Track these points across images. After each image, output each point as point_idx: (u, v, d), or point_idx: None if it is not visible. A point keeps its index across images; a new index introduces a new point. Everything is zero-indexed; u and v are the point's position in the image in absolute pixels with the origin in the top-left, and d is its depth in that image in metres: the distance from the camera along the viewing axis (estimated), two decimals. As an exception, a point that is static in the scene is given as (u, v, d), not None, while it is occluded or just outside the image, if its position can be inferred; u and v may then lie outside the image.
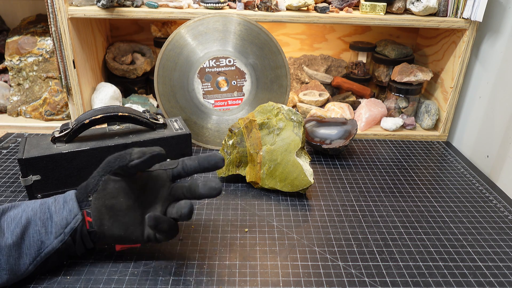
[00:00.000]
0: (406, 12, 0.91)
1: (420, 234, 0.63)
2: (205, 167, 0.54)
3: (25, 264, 0.49)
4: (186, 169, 0.54)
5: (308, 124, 0.90)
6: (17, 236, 0.48)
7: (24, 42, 0.95)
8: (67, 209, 0.51)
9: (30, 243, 0.49)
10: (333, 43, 1.13)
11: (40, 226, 0.50)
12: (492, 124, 0.85)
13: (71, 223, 0.50)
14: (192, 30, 0.85)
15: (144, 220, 0.53)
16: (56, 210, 0.51)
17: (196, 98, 0.86)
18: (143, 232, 0.53)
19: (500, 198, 0.74)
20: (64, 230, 0.50)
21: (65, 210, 0.51)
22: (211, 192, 0.52)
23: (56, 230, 0.50)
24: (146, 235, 0.53)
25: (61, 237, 0.50)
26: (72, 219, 0.50)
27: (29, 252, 0.49)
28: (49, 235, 0.50)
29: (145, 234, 0.53)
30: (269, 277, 0.53)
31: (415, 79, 0.95)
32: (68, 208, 0.51)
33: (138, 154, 0.51)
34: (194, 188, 0.53)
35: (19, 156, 0.64)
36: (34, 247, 0.49)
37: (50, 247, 0.50)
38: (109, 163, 0.52)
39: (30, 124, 0.95)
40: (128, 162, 0.51)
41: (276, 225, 0.64)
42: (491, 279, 0.55)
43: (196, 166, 0.54)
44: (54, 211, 0.51)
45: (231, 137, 0.73)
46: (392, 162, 0.85)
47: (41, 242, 0.49)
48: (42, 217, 0.50)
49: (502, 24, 0.84)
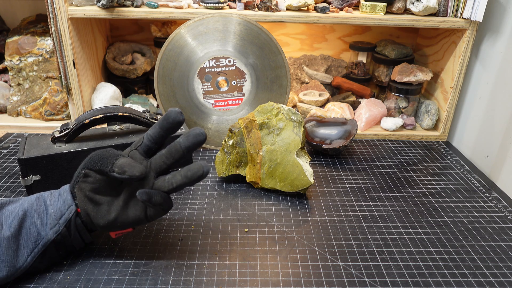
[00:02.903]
0: (406, 12, 0.91)
1: (420, 234, 0.63)
2: (167, 127, 0.51)
3: (23, 256, 0.49)
4: (151, 138, 0.52)
5: (308, 124, 0.90)
6: (15, 228, 0.49)
7: (24, 42, 0.95)
8: (61, 201, 0.52)
9: (27, 235, 0.50)
10: (333, 43, 1.13)
11: (36, 218, 0.51)
12: (492, 124, 0.85)
13: (65, 214, 0.51)
14: (192, 30, 0.85)
15: (130, 204, 0.52)
16: (51, 202, 0.52)
17: (196, 98, 0.86)
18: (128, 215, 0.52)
19: (500, 198, 0.74)
20: (59, 221, 0.51)
21: (59, 202, 0.52)
22: (197, 139, 0.50)
23: (51, 221, 0.51)
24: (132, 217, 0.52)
25: (56, 228, 0.51)
26: (66, 210, 0.51)
27: (27, 244, 0.50)
28: (45, 226, 0.51)
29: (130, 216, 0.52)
30: (269, 277, 0.53)
31: (415, 79, 0.95)
32: (62, 199, 0.52)
33: (119, 169, 0.49)
34: (175, 148, 0.50)
35: (19, 156, 0.64)
36: (31, 238, 0.50)
37: (46, 238, 0.50)
38: (91, 161, 0.51)
39: (30, 124, 0.95)
40: (108, 171, 0.50)
41: (276, 225, 0.64)
42: (491, 279, 0.55)
43: (158, 131, 0.52)
44: (50, 203, 0.52)
45: (231, 137, 0.73)
46: (392, 162, 0.85)
47: (37, 234, 0.50)
48: (38, 210, 0.51)
49: (502, 24, 0.84)
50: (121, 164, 0.50)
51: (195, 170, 0.50)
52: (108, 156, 0.51)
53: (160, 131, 0.52)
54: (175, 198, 0.70)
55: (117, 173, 0.49)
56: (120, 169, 0.49)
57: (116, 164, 0.50)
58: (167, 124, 0.51)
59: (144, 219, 0.52)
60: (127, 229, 0.54)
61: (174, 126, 0.51)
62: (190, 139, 0.50)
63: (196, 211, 0.67)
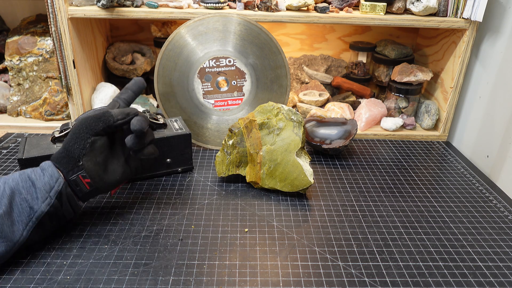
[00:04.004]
0: (406, 12, 0.91)
1: (420, 234, 0.63)
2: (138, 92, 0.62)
3: (19, 230, 0.52)
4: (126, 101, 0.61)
5: (308, 124, 0.90)
6: (6, 206, 0.51)
7: (24, 42, 0.95)
8: (48, 175, 0.54)
9: (19, 210, 0.52)
10: (333, 43, 1.13)
11: (25, 194, 0.53)
12: (492, 124, 0.85)
13: (54, 187, 0.54)
14: (192, 30, 0.85)
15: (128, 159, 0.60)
16: (37, 178, 0.54)
17: (196, 98, 0.86)
18: (130, 168, 0.60)
19: (500, 198, 0.74)
20: (50, 194, 0.54)
21: (45, 176, 0.54)
22: (139, 85, 0.62)
23: (42, 195, 0.53)
24: (133, 168, 0.61)
25: (48, 201, 0.53)
26: (54, 183, 0.54)
27: (20, 219, 0.52)
28: (36, 200, 0.53)
29: (132, 168, 0.60)
30: (269, 277, 0.53)
31: (415, 79, 0.95)
32: (48, 174, 0.54)
33: (121, 115, 0.57)
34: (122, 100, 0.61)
35: (19, 156, 0.64)
36: (24, 213, 0.52)
37: (39, 211, 0.53)
38: (90, 126, 0.56)
39: (30, 124, 0.95)
40: (113, 123, 0.56)
41: (276, 225, 0.64)
42: (491, 279, 0.55)
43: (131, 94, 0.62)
44: (35, 178, 0.54)
45: (231, 137, 0.73)
46: (392, 162, 0.85)
47: (29, 208, 0.53)
48: (24, 186, 0.54)
49: (502, 24, 0.84)
50: (119, 111, 0.57)
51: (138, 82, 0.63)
52: (103, 115, 0.56)
53: (132, 94, 0.62)
54: (175, 198, 0.70)
55: (121, 119, 0.56)
56: (123, 114, 0.57)
57: (116, 114, 0.56)
58: (137, 89, 0.62)
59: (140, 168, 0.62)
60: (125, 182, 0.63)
61: (141, 90, 0.63)
62: (133, 86, 0.63)
63: (196, 211, 0.67)
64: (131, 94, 0.62)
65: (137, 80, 0.62)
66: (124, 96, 0.61)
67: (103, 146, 0.57)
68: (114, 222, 0.63)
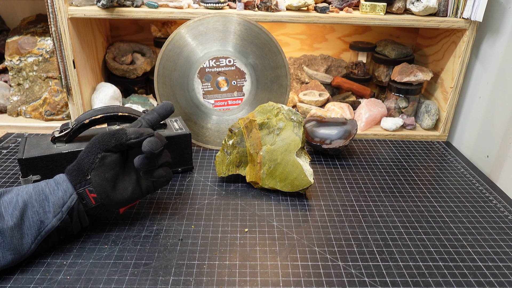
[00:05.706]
0: (406, 12, 0.91)
1: (420, 234, 0.63)
2: (164, 114, 0.62)
3: (27, 243, 0.52)
4: (149, 122, 0.60)
5: (308, 124, 0.90)
6: (17, 218, 0.51)
7: (24, 42, 0.95)
8: (62, 190, 0.54)
9: (30, 223, 0.52)
10: (333, 43, 1.13)
11: (37, 207, 0.53)
12: (492, 124, 0.85)
13: (67, 202, 0.54)
14: (192, 30, 0.85)
15: (139, 178, 0.59)
16: (51, 192, 0.54)
17: (196, 98, 0.86)
18: (141, 188, 0.59)
19: (500, 198, 0.74)
20: (62, 209, 0.54)
21: (59, 190, 0.54)
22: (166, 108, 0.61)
23: (54, 210, 0.53)
24: (144, 189, 0.59)
25: (59, 216, 0.53)
26: (68, 198, 0.54)
27: (30, 232, 0.52)
28: (48, 214, 0.53)
29: (143, 188, 0.59)
30: (269, 277, 0.53)
31: (415, 79, 0.95)
32: (63, 189, 0.54)
33: (135, 135, 0.56)
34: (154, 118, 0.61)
35: (19, 156, 0.64)
36: (35, 227, 0.52)
37: (50, 225, 0.53)
38: (102, 141, 0.55)
39: (30, 124, 0.95)
40: (125, 141, 0.55)
41: (276, 225, 0.64)
42: (491, 279, 0.55)
43: (156, 116, 0.61)
44: (49, 192, 0.54)
45: (231, 137, 0.73)
46: (392, 162, 0.85)
47: (40, 222, 0.53)
48: (38, 199, 0.53)
49: (502, 24, 0.84)
50: (133, 130, 0.56)
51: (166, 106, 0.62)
52: (117, 132, 0.56)
53: (158, 117, 0.61)
54: (175, 198, 0.70)
55: (134, 138, 0.55)
56: (136, 134, 0.56)
57: (129, 132, 0.56)
58: (164, 112, 0.61)
59: (152, 189, 0.60)
60: (135, 202, 0.60)
61: (168, 114, 0.62)
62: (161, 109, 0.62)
63: (196, 211, 0.67)
64: (156, 116, 0.61)
65: (166, 104, 0.62)
66: (149, 117, 0.60)
67: (113, 163, 0.56)
68: (114, 222, 0.63)
